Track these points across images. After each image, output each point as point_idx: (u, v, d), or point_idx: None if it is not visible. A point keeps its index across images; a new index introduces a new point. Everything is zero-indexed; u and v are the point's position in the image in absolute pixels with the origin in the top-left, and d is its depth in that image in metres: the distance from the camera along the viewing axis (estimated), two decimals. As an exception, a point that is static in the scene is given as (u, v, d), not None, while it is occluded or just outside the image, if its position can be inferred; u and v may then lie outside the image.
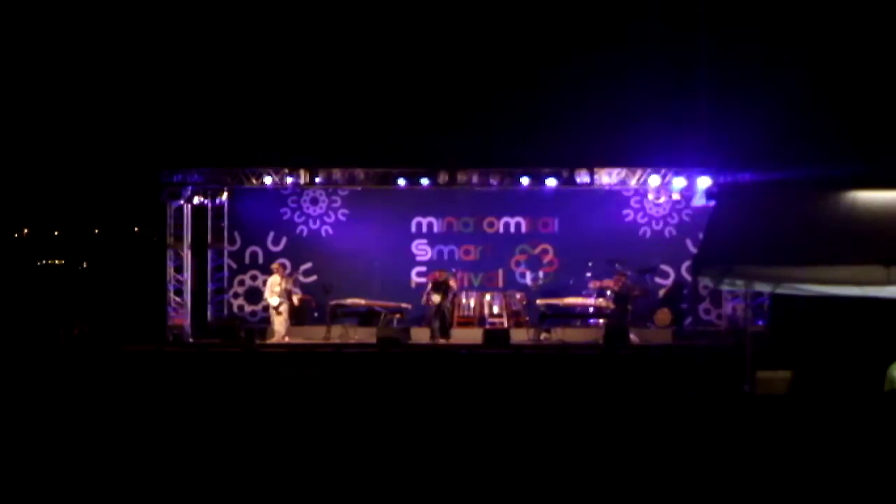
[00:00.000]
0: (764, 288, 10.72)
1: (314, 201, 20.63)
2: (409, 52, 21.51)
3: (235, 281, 20.74)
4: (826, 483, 8.34)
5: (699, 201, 18.90)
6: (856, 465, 8.73)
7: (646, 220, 20.32)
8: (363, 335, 18.74)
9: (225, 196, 20.31)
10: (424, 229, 20.66)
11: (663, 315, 19.32)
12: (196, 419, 11.28)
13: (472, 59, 21.56)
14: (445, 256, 20.54)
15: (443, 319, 18.51)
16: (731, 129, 19.07)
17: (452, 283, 18.85)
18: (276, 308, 18.64)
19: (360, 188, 20.15)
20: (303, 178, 19.57)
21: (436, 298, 18.51)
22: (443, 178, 19.38)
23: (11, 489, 8.25)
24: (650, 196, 20.01)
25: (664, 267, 20.08)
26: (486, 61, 21.55)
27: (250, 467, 8.94)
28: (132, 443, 9.93)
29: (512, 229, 20.62)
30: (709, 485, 8.36)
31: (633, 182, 19.36)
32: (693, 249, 18.76)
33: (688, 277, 19.65)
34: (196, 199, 19.95)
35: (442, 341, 18.26)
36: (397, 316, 19.27)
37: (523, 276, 20.44)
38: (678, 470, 8.81)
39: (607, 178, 19.34)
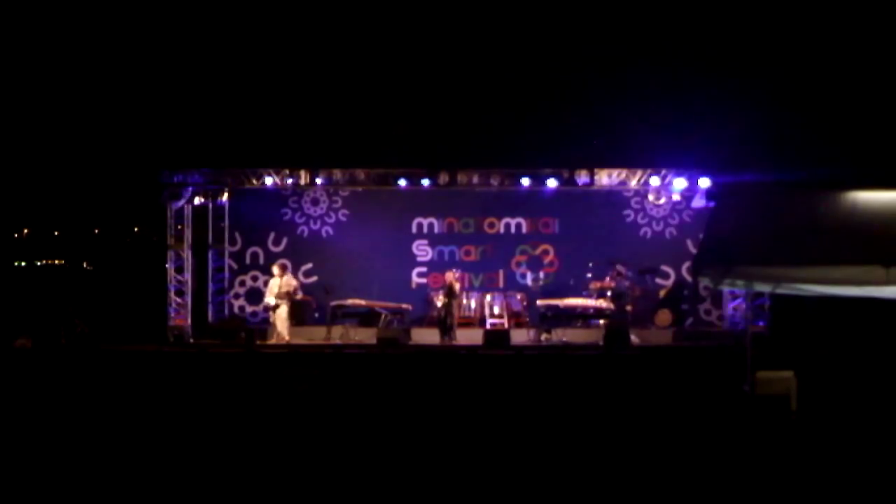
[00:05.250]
0: (764, 288, 10.73)
1: (315, 202, 20.62)
2: (409, 52, 21.54)
3: (236, 281, 20.72)
4: (830, 481, 8.35)
5: (699, 202, 18.90)
6: (860, 463, 8.74)
7: (646, 220, 20.31)
8: (364, 336, 18.73)
9: (226, 196, 20.26)
10: (425, 230, 20.64)
11: (664, 316, 19.33)
12: (196, 420, 11.29)
13: (473, 61, 21.60)
14: (446, 257, 20.53)
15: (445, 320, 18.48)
16: (731, 130, 19.09)
17: (455, 285, 18.80)
18: (277, 309, 18.62)
19: (360, 189, 20.14)
20: (303, 178, 19.54)
21: (441, 299, 18.57)
22: (443, 178, 19.34)
23: (12, 488, 8.26)
24: (650, 197, 20.00)
25: (665, 267, 20.09)
26: (488, 63, 21.59)
27: (251, 467, 8.95)
28: (133, 443, 9.94)
29: (512, 230, 20.61)
30: (709, 484, 8.37)
31: (633, 183, 19.35)
32: (693, 250, 18.74)
33: (688, 278, 19.65)
34: (197, 200, 19.91)
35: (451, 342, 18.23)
36: (398, 316, 19.28)
37: (524, 276, 20.44)
38: (678, 470, 8.82)
39: (608, 178, 19.32)
